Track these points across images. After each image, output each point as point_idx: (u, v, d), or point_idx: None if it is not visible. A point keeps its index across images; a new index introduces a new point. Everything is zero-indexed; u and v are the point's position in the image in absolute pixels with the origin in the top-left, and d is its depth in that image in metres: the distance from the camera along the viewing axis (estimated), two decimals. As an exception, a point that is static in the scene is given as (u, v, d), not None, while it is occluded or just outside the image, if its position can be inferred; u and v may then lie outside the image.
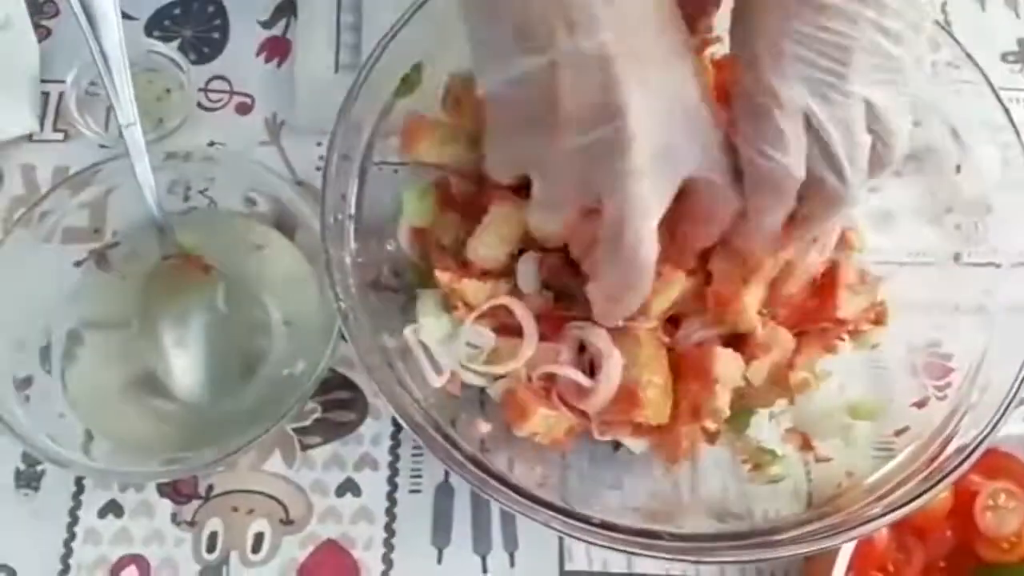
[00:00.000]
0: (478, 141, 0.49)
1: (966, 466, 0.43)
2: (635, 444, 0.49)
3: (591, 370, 0.48)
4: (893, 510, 0.42)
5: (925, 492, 0.43)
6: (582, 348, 0.49)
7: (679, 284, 0.45)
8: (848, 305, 0.49)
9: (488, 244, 0.47)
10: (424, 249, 0.51)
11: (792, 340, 0.47)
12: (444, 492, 0.53)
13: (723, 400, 0.45)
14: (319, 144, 0.60)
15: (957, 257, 0.51)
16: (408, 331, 0.48)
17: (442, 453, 0.42)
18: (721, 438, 0.49)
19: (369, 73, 0.47)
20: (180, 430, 0.52)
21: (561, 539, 0.53)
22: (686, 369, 0.47)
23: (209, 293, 0.53)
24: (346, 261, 0.46)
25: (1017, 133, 0.49)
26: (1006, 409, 0.45)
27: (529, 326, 0.48)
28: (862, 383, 0.52)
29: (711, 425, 0.46)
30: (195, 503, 0.52)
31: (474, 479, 0.42)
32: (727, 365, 0.45)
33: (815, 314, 0.49)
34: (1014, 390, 0.45)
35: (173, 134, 0.59)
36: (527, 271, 0.49)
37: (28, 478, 0.52)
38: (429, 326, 0.48)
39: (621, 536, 0.42)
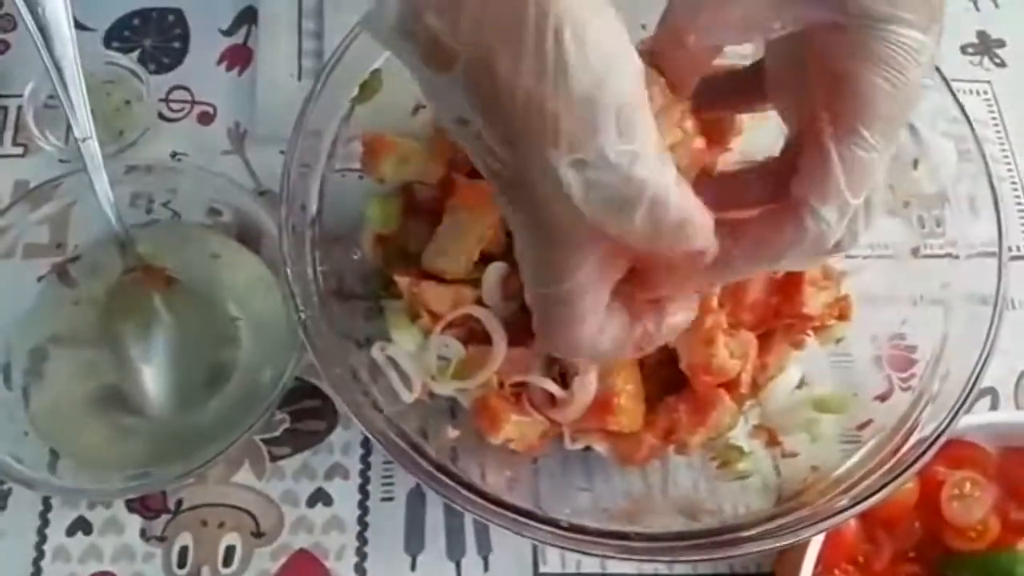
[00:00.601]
0: (438, 153, 0.50)
1: (929, 456, 0.43)
2: (604, 447, 0.49)
3: (563, 379, 0.48)
4: (859, 502, 0.42)
5: (890, 483, 0.43)
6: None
7: None
8: (813, 301, 0.49)
9: (444, 253, 0.47)
10: (388, 256, 0.51)
11: (755, 343, 0.48)
12: (416, 499, 0.53)
13: (702, 439, 0.46)
14: (283, 152, 0.59)
15: (916, 251, 0.52)
16: (376, 349, 0.48)
17: (411, 465, 0.42)
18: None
19: (327, 79, 0.47)
20: (147, 445, 0.51)
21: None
22: (682, 393, 0.47)
23: (173, 306, 0.52)
24: (307, 272, 0.45)
25: (970, 125, 0.49)
26: (966, 398, 0.45)
27: (497, 334, 0.48)
28: (828, 378, 0.52)
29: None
30: (164, 518, 0.52)
31: (443, 489, 0.42)
32: (723, 415, 0.46)
33: (780, 312, 0.49)
34: (973, 379, 0.45)
35: (134, 145, 0.59)
36: (490, 285, 0.49)
37: (-6, 498, 0.52)
38: (400, 339, 0.48)
39: (590, 539, 0.42)
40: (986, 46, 0.71)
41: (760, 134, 0.49)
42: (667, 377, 0.49)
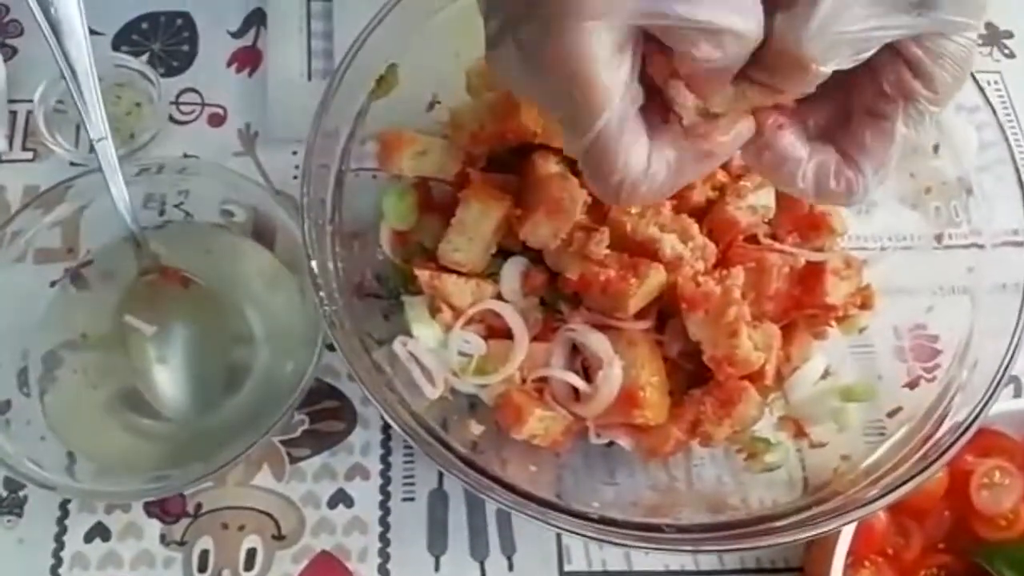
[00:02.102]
0: (455, 149, 0.49)
1: (960, 444, 0.43)
2: (627, 441, 0.49)
3: (585, 372, 0.48)
4: (889, 491, 0.42)
5: (921, 472, 0.42)
6: (574, 347, 0.48)
7: (657, 278, 0.45)
8: (836, 291, 0.49)
9: (458, 247, 0.47)
10: (406, 252, 0.51)
11: (778, 335, 0.47)
12: (438, 498, 0.53)
13: (727, 431, 0.46)
14: (294, 153, 0.60)
15: (939, 239, 0.51)
16: (397, 344, 0.48)
17: (435, 455, 0.42)
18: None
19: (343, 77, 0.47)
20: (165, 447, 0.51)
21: (559, 540, 0.52)
22: (707, 386, 0.47)
23: (189, 307, 0.52)
24: (329, 267, 0.45)
25: (994, 112, 0.49)
26: (996, 387, 0.45)
27: (519, 329, 0.47)
28: (851, 369, 0.52)
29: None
30: (184, 522, 0.51)
31: (469, 479, 0.41)
32: (749, 407, 0.45)
33: (802, 302, 0.49)
34: (1003, 368, 0.45)
35: (144, 148, 0.58)
36: (510, 279, 0.48)
37: (11, 504, 0.51)
38: (421, 334, 0.48)
39: (620, 531, 0.42)
40: (995, 37, 0.71)
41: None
42: (691, 371, 0.48)
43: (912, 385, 0.48)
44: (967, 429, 0.43)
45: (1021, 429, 0.50)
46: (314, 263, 0.42)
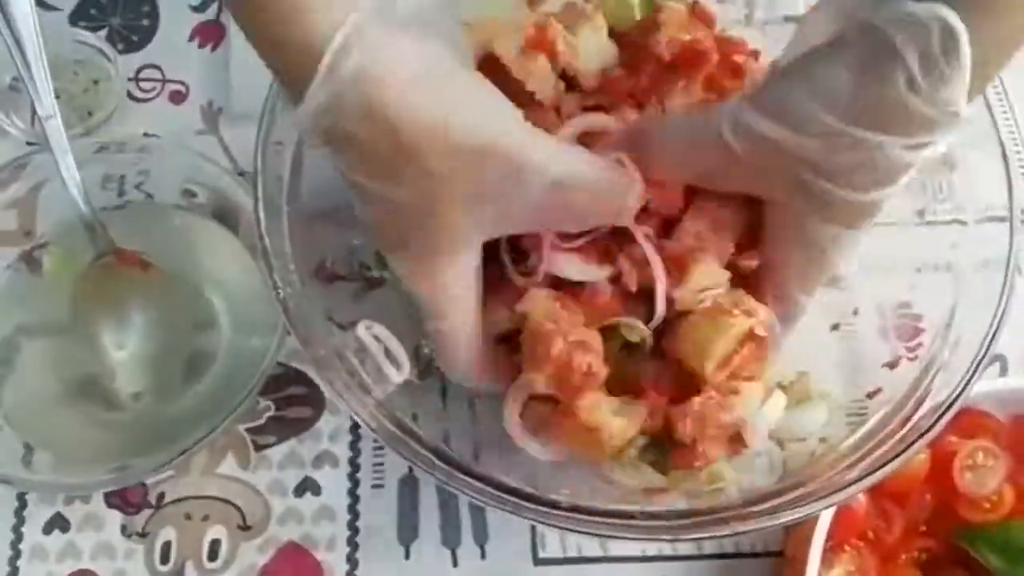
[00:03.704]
0: None
1: (941, 425, 0.41)
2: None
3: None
4: (869, 474, 0.41)
5: (901, 453, 0.41)
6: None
7: None
8: None
9: None
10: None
11: None
12: (409, 486, 0.51)
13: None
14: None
15: (922, 214, 0.50)
16: (361, 327, 0.46)
17: (403, 448, 0.40)
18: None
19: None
20: (126, 436, 0.49)
21: (533, 527, 0.51)
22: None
23: (148, 291, 0.50)
24: (286, 249, 0.43)
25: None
26: (978, 366, 0.43)
27: None
28: (833, 350, 0.50)
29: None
30: (146, 512, 0.50)
31: (439, 473, 0.40)
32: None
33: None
34: (985, 347, 0.44)
35: (103, 127, 0.56)
36: None
37: (-34, 497, 0.49)
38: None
39: (593, 519, 0.40)
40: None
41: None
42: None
43: (892, 365, 0.47)
44: (948, 409, 0.42)
45: (1006, 409, 0.49)
46: (268, 243, 0.41)
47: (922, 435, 0.41)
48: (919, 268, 0.50)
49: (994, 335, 0.44)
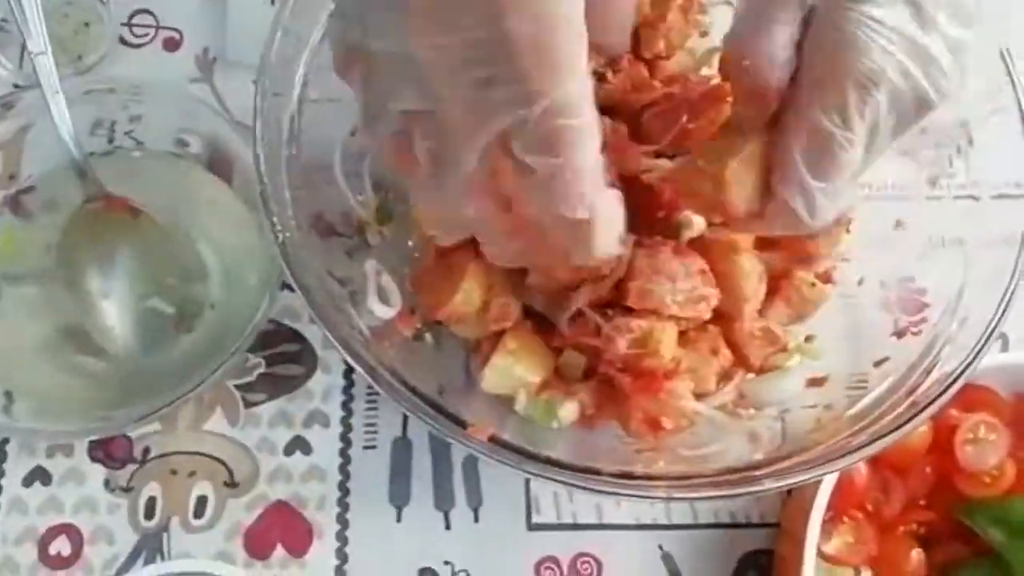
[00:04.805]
0: None
1: (947, 396, 0.41)
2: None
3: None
4: (872, 441, 0.40)
5: (905, 424, 0.40)
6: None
7: None
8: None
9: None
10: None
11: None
12: (401, 447, 0.50)
13: None
14: (255, 81, 0.56)
15: (933, 183, 0.49)
16: (370, 264, 0.45)
17: (400, 396, 0.39)
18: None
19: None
20: (110, 387, 0.48)
21: (528, 491, 0.50)
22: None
23: (137, 238, 0.48)
24: (285, 196, 0.42)
25: (1003, 58, 0.46)
26: (987, 340, 0.43)
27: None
28: (836, 320, 0.49)
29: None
30: (130, 467, 0.48)
31: (437, 422, 0.39)
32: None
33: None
34: (994, 323, 0.43)
35: (92, 71, 0.54)
36: None
37: (-56, 447, 0.48)
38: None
39: (595, 476, 0.39)
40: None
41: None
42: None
43: (900, 335, 0.46)
44: (955, 381, 0.41)
45: (1008, 385, 0.49)
46: (266, 186, 0.39)
47: (927, 405, 0.41)
48: (928, 242, 0.49)
49: (1003, 312, 0.43)
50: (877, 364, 0.45)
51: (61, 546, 0.47)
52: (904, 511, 0.47)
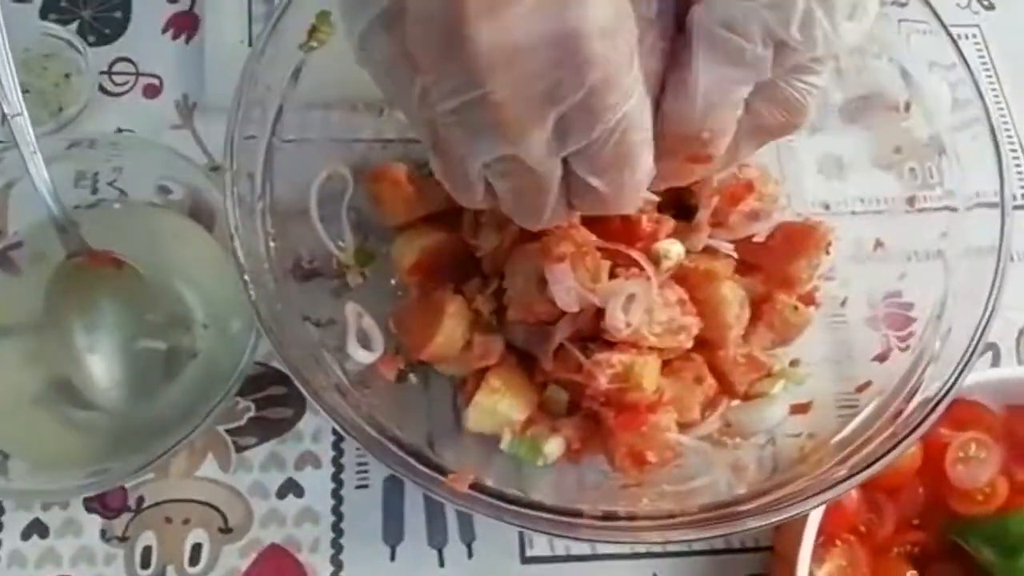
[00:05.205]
0: None
1: (933, 418, 0.41)
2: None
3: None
4: (859, 471, 0.40)
5: (892, 449, 0.40)
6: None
7: None
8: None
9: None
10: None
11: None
12: (394, 486, 0.50)
13: None
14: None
15: (912, 201, 0.49)
16: (350, 307, 0.45)
17: (380, 452, 0.39)
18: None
19: (271, 35, 0.44)
20: (103, 439, 0.48)
21: (520, 525, 0.50)
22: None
23: (121, 290, 0.49)
24: (259, 248, 0.42)
25: (968, 69, 0.46)
26: (970, 356, 0.42)
27: None
28: (823, 341, 0.49)
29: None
30: (125, 517, 0.49)
31: (422, 479, 0.39)
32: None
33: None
34: (977, 336, 0.43)
35: (74, 122, 0.55)
36: None
37: (-58, 505, 0.48)
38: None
39: (581, 522, 0.39)
40: (973, -13, 0.68)
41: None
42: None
43: (882, 358, 0.46)
44: (939, 402, 0.41)
45: (999, 399, 0.48)
46: (239, 244, 0.39)
47: (913, 430, 0.41)
48: (909, 256, 0.49)
49: (985, 325, 0.43)
50: (861, 388, 0.45)
51: (60, 598, 0.48)
52: (896, 532, 0.47)
